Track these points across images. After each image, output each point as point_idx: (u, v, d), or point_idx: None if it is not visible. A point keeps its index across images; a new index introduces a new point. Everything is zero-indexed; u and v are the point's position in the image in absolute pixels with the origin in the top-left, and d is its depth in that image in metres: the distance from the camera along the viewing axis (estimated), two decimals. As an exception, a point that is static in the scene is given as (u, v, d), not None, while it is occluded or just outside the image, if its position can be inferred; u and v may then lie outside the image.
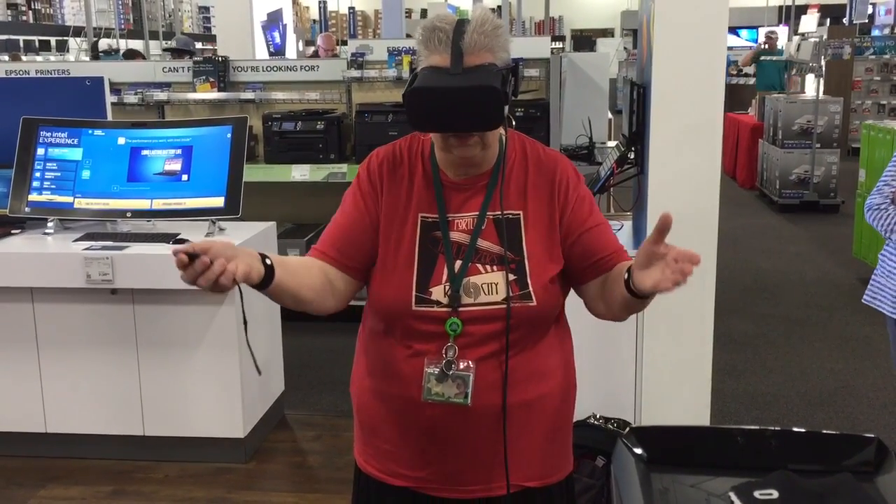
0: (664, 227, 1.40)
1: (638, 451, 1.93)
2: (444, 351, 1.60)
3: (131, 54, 7.76)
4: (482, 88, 1.51)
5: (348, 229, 1.69)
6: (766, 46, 13.23)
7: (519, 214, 1.66)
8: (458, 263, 1.62)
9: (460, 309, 1.60)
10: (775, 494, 1.70)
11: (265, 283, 1.49)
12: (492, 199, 1.65)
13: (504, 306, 1.60)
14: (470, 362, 1.60)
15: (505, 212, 1.65)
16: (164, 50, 8.10)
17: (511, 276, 1.61)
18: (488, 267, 1.62)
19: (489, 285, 1.61)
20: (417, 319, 1.61)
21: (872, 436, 1.90)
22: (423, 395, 1.61)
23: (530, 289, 1.61)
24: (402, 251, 1.64)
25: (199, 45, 11.38)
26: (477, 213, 1.65)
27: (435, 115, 1.54)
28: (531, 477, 1.72)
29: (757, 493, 1.70)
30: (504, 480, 1.67)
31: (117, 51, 8.49)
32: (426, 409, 1.63)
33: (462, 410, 1.62)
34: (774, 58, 12.23)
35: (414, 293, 1.61)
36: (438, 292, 1.61)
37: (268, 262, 1.50)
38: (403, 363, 1.65)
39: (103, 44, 8.53)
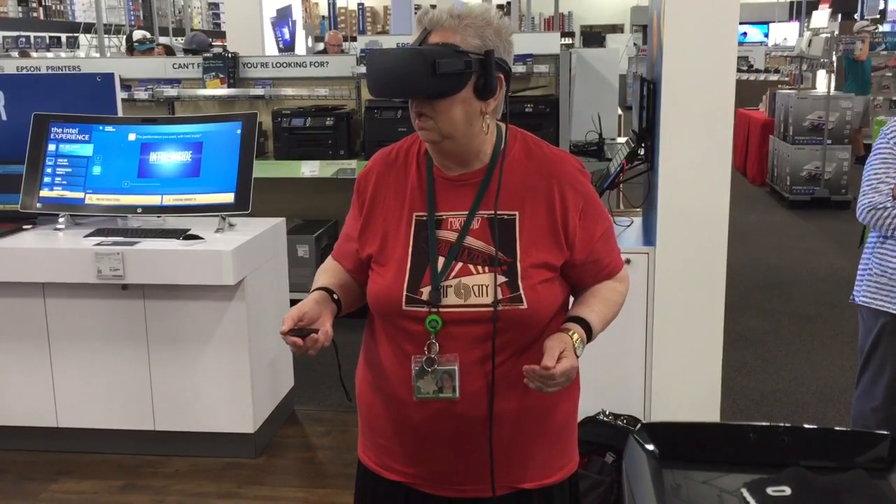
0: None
1: (650, 447, 1.93)
2: (426, 347, 1.59)
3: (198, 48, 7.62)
4: (410, 53, 1.54)
5: (350, 239, 1.75)
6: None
7: (514, 215, 1.61)
8: (441, 261, 1.59)
9: (447, 310, 1.58)
10: (788, 491, 1.69)
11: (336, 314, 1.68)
12: (485, 198, 1.62)
13: (492, 309, 1.57)
14: (453, 355, 1.58)
15: (500, 212, 1.61)
16: (184, 50, 8.04)
17: (502, 279, 1.58)
18: (480, 268, 1.59)
19: (479, 287, 1.58)
20: (406, 319, 1.60)
21: (886, 433, 1.89)
22: (415, 395, 1.61)
23: (521, 291, 1.57)
24: (397, 251, 1.63)
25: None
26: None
27: (373, 80, 1.58)
28: (526, 478, 1.70)
29: (770, 490, 1.69)
30: (499, 481, 1.66)
31: (152, 40, 8.44)
32: (417, 410, 1.63)
33: (452, 413, 1.61)
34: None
35: (405, 293, 1.60)
36: (427, 292, 1.59)
37: (335, 297, 1.67)
38: (393, 363, 1.65)
39: (138, 34, 8.48)
